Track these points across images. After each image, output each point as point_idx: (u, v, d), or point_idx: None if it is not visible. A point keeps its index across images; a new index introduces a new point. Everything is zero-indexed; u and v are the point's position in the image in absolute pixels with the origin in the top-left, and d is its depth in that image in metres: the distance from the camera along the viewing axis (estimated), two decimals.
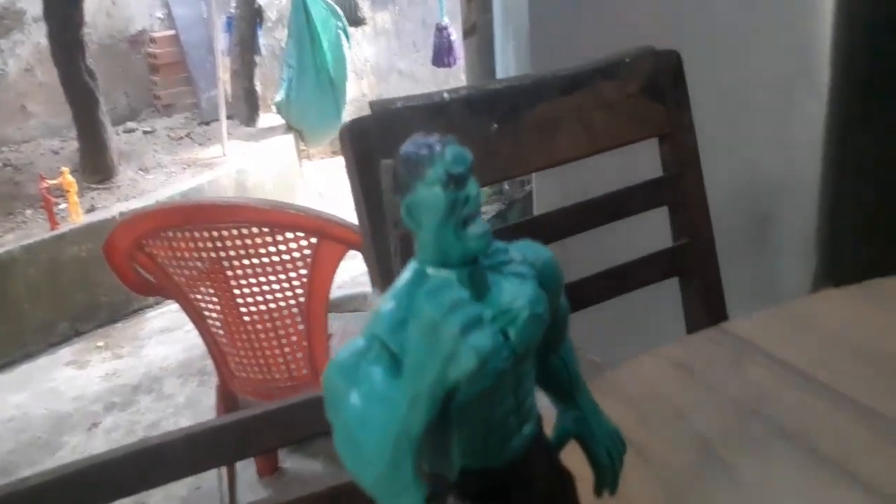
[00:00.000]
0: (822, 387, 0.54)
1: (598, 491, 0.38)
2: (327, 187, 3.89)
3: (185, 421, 2.21)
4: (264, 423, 0.64)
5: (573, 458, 0.37)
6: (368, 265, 0.84)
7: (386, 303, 0.29)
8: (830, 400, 0.53)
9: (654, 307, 1.07)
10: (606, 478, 0.37)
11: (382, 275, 0.81)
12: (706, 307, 0.94)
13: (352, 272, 2.40)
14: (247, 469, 1.90)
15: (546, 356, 0.36)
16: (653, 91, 0.91)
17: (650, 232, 0.95)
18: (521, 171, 0.91)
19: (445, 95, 0.84)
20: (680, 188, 0.93)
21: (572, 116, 0.88)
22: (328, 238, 1.42)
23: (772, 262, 1.22)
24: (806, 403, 0.53)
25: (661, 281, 0.92)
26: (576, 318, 0.39)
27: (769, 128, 1.17)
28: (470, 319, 0.26)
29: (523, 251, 0.33)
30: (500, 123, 0.85)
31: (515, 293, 0.30)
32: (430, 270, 0.29)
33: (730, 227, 0.95)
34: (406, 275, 0.30)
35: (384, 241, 0.80)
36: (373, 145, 0.79)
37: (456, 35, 3.13)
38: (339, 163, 4.30)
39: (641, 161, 0.93)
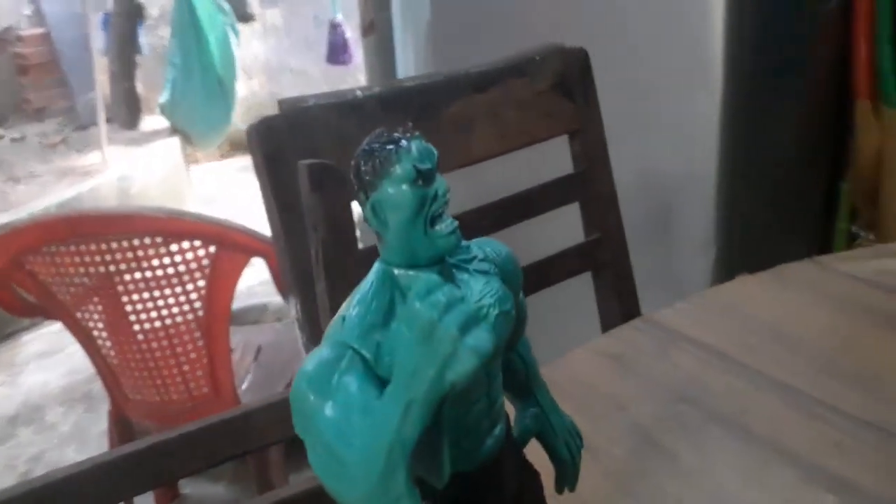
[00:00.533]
0: (748, 369, 0.57)
1: (559, 488, 0.37)
2: (218, 192, 3.74)
3: (71, 452, 2.05)
4: (183, 446, 0.60)
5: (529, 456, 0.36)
6: (281, 272, 0.80)
7: (351, 308, 0.27)
8: (756, 381, 0.56)
9: (567, 303, 1.09)
10: (567, 473, 0.37)
11: (299, 282, 0.78)
12: (619, 300, 0.96)
13: (248, 282, 2.30)
14: (143, 498, 1.79)
15: (504, 353, 0.35)
16: (562, 88, 0.93)
17: (562, 229, 0.97)
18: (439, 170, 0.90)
19: (359, 93, 0.81)
20: (591, 184, 0.95)
21: (486, 114, 0.88)
22: (228, 247, 1.36)
23: (672, 253, 1.27)
24: (734, 387, 0.55)
25: (575, 276, 0.94)
26: None
27: (668, 123, 1.21)
28: (467, 318, 0.24)
29: (482, 247, 0.32)
30: (414, 122, 0.83)
31: (483, 291, 0.29)
32: (398, 271, 0.28)
33: (632, 222, 0.97)
34: (371, 277, 0.28)
35: (300, 246, 0.76)
36: (283, 145, 0.76)
37: (350, 32, 3.08)
38: (229, 166, 4.15)
39: (549, 158, 0.94)
